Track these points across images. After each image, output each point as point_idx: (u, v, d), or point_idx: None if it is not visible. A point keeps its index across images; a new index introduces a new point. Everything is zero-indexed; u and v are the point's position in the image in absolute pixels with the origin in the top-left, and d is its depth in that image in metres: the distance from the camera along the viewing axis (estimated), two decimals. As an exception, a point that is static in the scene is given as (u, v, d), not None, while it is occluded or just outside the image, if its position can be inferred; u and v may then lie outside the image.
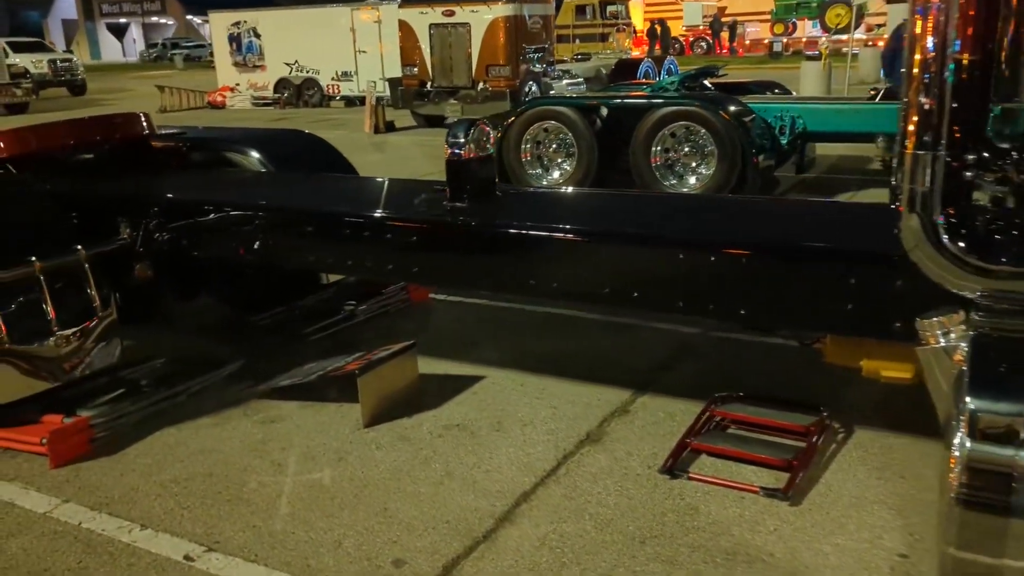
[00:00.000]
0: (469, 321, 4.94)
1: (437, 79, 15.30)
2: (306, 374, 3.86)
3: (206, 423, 3.71)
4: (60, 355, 3.52)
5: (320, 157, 5.17)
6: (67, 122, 4.39)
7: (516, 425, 3.53)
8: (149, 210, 3.90)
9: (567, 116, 8.11)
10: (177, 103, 23.33)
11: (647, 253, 3.01)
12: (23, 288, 3.39)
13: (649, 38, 38.43)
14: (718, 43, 39.88)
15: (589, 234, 3.23)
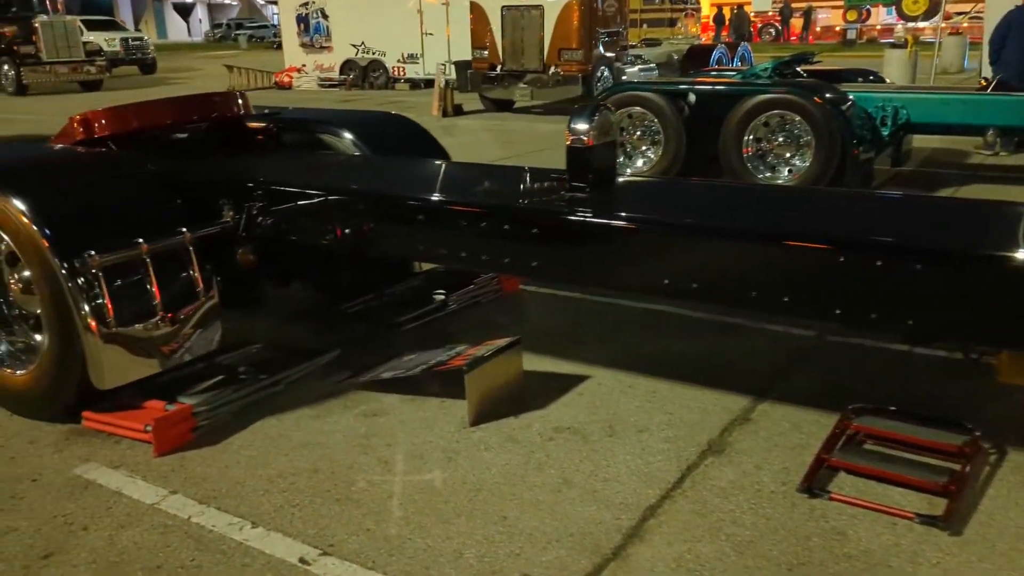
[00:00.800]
0: (564, 315, 4.76)
1: (508, 62, 15.11)
2: (408, 367, 3.72)
3: (307, 414, 3.61)
4: (165, 339, 3.43)
5: (414, 141, 5.03)
6: (166, 100, 4.32)
7: (630, 431, 3.35)
8: (253, 193, 3.79)
9: (654, 102, 7.85)
10: (245, 83, 23.48)
11: (807, 254, 2.78)
12: (129, 270, 3.30)
13: (716, 24, 37.67)
14: (788, 30, 38.93)
15: (731, 230, 3.01)
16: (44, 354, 3.44)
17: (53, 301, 3.29)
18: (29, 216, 3.22)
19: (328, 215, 3.75)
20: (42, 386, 3.48)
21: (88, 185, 3.53)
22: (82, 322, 3.21)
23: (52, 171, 3.57)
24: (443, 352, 3.85)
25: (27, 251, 3.31)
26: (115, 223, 3.41)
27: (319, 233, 3.79)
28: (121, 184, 3.58)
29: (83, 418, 3.50)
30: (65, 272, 3.18)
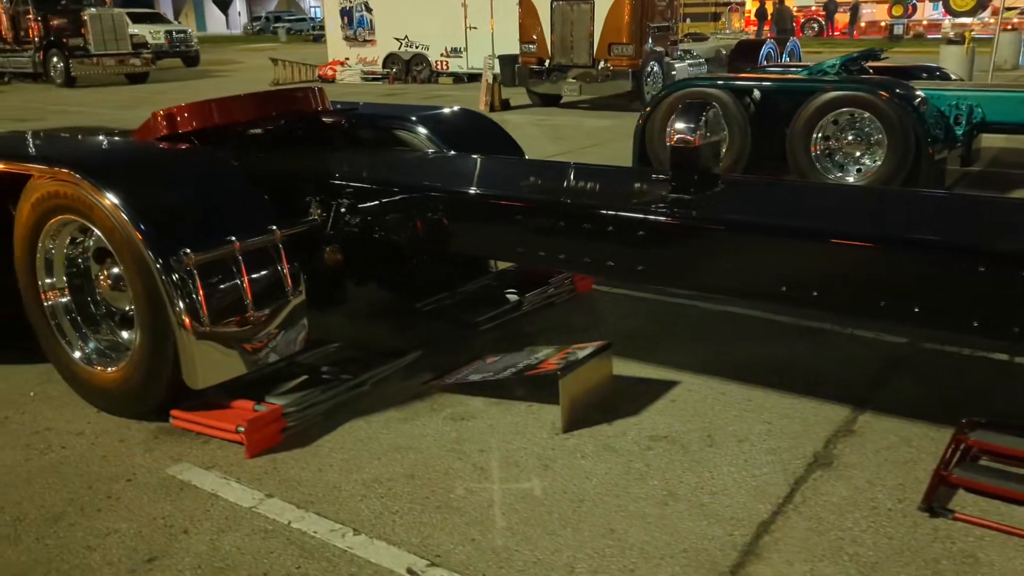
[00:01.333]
0: (641, 316, 4.67)
1: (556, 57, 14.99)
2: (496, 371, 3.65)
3: (395, 417, 3.55)
4: (255, 339, 3.39)
5: (488, 137, 4.97)
6: (248, 96, 4.28)
7: (730, 441, 3.25)
8: (341, 190, 3.74)
9: (719, 99, 7.70)
10: (289, 76, 23.60)
11: (949, 263, 2.66)
12: (222, 268, 3.26)
13: (758, 19, 37.14)
14: (832, 25, 38.29)
15: (867, 236, 2.89)
16: (135, 352, 3.42)
17: (146, 298, 3.27)
18: (126, 212, 3.19)
19: (416, 213, 3.70)
20: (132, 384, 3.46)
21: (182, 181, 3.50)
22: (176, 320, 3.18)
23: (147, 167, 3.55)
24: (529, 355, 3.78)
25: (121, 247, 3.29)
26: (208, 220, 3.37)
27: (405, 231, 3.74)
28: (213, 180, 3.54)
29: (172, 417, 3.48)
30: (160, 269, 3.15)
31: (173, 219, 3.30)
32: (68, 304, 3.71)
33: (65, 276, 3.70)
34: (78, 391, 3.73)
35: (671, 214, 3.19)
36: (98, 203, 3.27)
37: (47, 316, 3.68)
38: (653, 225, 3.18)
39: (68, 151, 3.95)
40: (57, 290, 3.69)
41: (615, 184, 3.44)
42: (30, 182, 3.52)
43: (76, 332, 3.68)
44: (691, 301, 4.77)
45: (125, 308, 3.64)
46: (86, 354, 3.64)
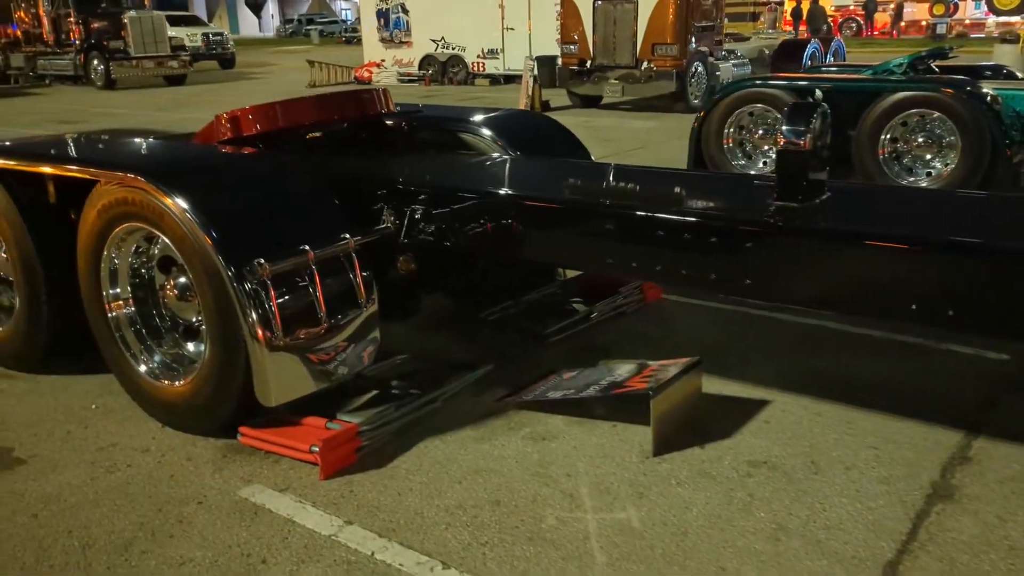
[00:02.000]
0: (716, 327, 4.45)
1: (598, 58, 14.78)
2: (577, 388, 3.46)
3: (470, 436, 3.37)
4: (329, 353, 3.23)
5: (555, 140, 4.79)
6: (314, 98, 4.14)
7: (836, 467, 3.03)
8: (416, 196, 3.57)
9: (780, 100, 7.45)
10: (325, 78, 23.62)
11: None
12: (296, 279, 3.10)
13: (794, 19, 36.63)
14: (871, 24, 37.64)
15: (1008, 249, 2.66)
16: (203, 366, 3.27)
17: (217, 310, 3.11)
18: (197, 220, 3.04)
19: (491, 219, 3.51)
20: (199, 399, 3.31)
21: (254, 187, 3.35)
22: (249, 333, 3.02)
23: (218, 172, 3.40)
24: (610, 371, 3.59)
25: (191, 256, 3.14)
26: (281, 228, 3.22)
27: (480, 238, 3.56)
28: (285, 186, 3.39)
29: (240, 434, 3.33)
30: (233, 279, 2.99)
31: (246, 227, 3.15)
32: (132, 315, 3.57)
33: (129, 286, 3.56)
34: (142, 405, 3.59)
35: (782, 223, 2.97)
36: (168, 210, 3.12)
37: (111, 328, 3.54)
38: (761, 234, 2.97)
39: (135, 156, 3.82)
40: (122, 301, 3.56)
41: (707, 190, 3.24)
42: (96, 188, 3.39)
43: (141, 344, 3.54)
44: (764, 312, 4.54)
45: (192, 319, 3.50)
46: (151, 368, 3.50)
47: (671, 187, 3.56)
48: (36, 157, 3.68)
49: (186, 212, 3.07)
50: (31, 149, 3.94)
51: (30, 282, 3.80)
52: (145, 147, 3.89)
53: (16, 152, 3.85)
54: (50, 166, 3.58)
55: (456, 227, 3.57)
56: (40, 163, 3.62)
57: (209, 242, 3.03)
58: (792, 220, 2.99)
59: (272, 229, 3.21)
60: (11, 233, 3.79)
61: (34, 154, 3.73)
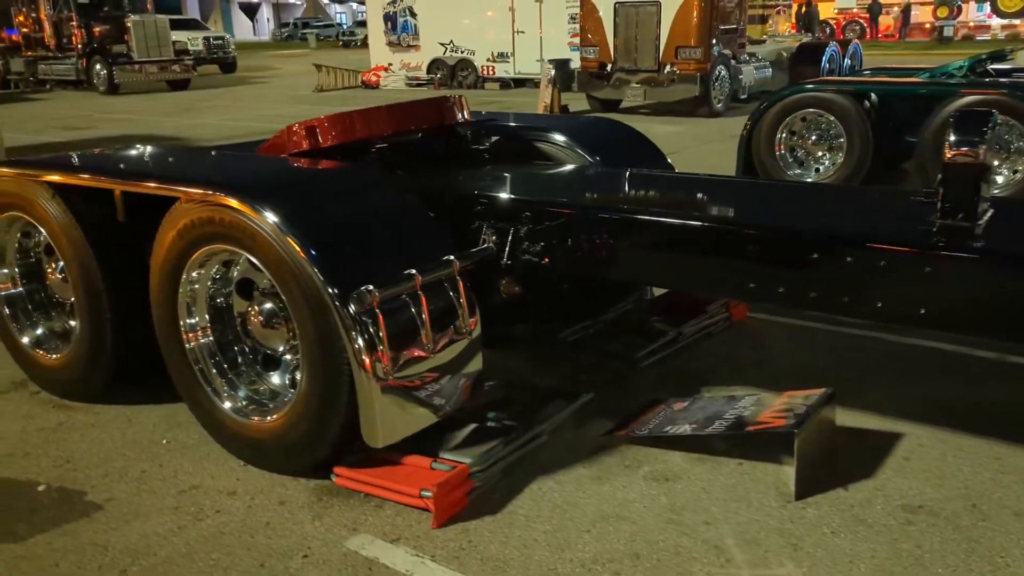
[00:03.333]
0: (815, 349, 4.19)
1: (619, 61, 14.53)
2: (699, 422, 3.18)
3: (584, 475, 3.10)
4: (436, 385, 2.95)
5: (637, 149, 4.53)
6: (390, 107, 3.86)
7: (1003, 514, 2.76)
8: (518, 212, 3.30)
9: (838, 104, 7.20)
10: (333, 82, 23.37)
11: None
12: (403, 306, 2.82)
13: (798, 21, 36.50)
14: (875, 28, 37.50)
15: None
16: (298, 401, 2.99)
17: (318, 340, 2.83)
18: (298, 241, 2.76)
19: (606, 238, 3.25)
20: (292, 437, 3.03)
21: (352, 204, 3.07)
22: (357, 366, 2.73)
23: (313, 188, 3.12)
24: (729, 403, 3.32)
25: (287, 281, 2.85)
26: (385, 250, 2.94)
27: (592, 259, 3.29)
28: (383, 203, 3.11)
29: (334, 474, 3.05)
30: (339, 307, 2.71)
31: (350, 249, 2.87)
32: (211, 346, 3.28)
33: (207, 314, 3.28)
34: (221, 441, 3.30)
35: (952, 243, 2.71)
36: (262, 231, 2.84)
37: (189, 360, 3.26)
38: (925, 256, 2.71)
39: (220, 171, 3.53)
40: (200, 330, 3.27)
41: (854, 204, 2.98)
42: (176, 206, 3.11)
43: (222, 378, 3.25)
44: (862, 331, 4.28)
45: (278, 348, 3.22)
46: (237, 404, 3.21)
47: (808, 202, 3.30)
48: (103, 172, 3.39)
49: (284, 233, 2.78)
50: (96, 163, 3.65)
51: (93, 306, 3.51)
52: (226, 161, 3.60)
53: (80, 166, 3.57)
54: (121, 182, 3.29)
55: (565, 246, 3.31)
56: (109, 178, 3.33)
57: (312, 266, 2.75)
58: (968, 240, 2.72)
59: (376, 251, 2.93)
60: (72, 252, 3.50)
61: (101, 168, 3.44)
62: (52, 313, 3.96)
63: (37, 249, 3.95)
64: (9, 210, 3.73)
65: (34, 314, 3.94)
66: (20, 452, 3.42)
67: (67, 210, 3.47)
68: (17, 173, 3.61)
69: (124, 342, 3.57)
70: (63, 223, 3.48)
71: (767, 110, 7.54)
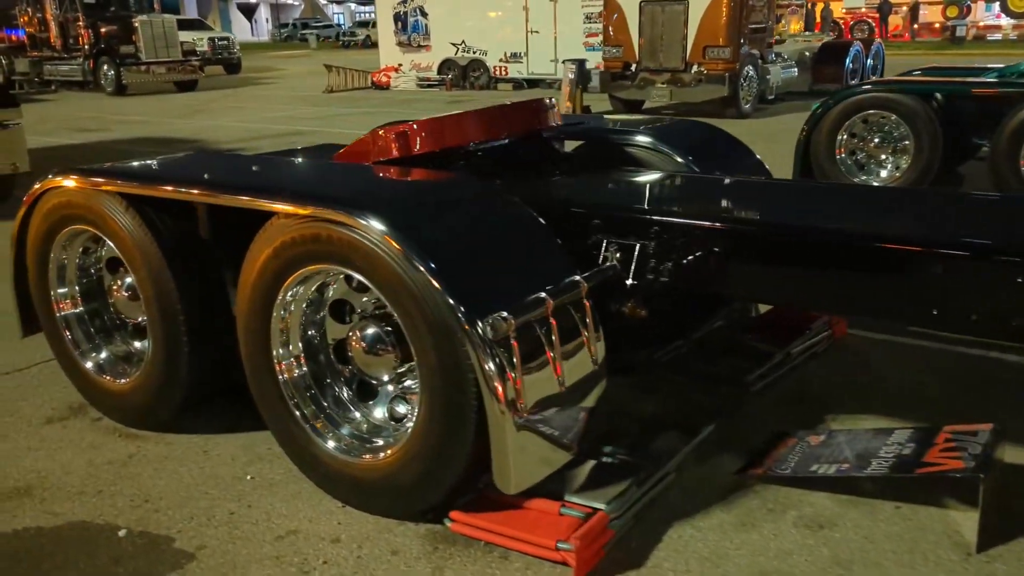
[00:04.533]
0: (942, 373, 3.88)
1: (644, 60, 14.23)
2: (855, 463, 2.88)
3: (727, 521, 2.80)
4: (567, 421, 2.64)
5: (734, 153, 4.23)
6: (483, 111, 3.55)
7: None
8: (644, 226, 2.99)
9: (905, 105, 6.91)
10: (343, 83, 23.08)
11: None
12: (535, 334, 2.51)
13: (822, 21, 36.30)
14: (885, 27, 37.26)
15: None
16: (413, 437, 2.68)
17: (441, 371, 2.52)
18: (422, 262, 2.45)
19: (747, 254, 2.95)
20: (404, 477, 2.72)
21: (475, 220, 2.77)
22: (491, 399, 2.42)
23: (433, 203, 2.81)
24: (879, 438, 3.01)
25: (406, 306, 2.54)
26: (512, 271, 2.64)
27: (728, 277, 3.00)
28: (502, 217, 2.81)
29: (448, 519, 2.75)
30: (470, 336, 2.40)
31: (479, 270, 2.56)
32: (307, 377, 2.97)
33: (301, 342, 2.97)
34: (316, 479, 3.00)
35: None
36: (380, 251, 2.53)
37: (284, 395, 2.95)
38: None
39: (324, 184, 3.21)
40: (294, 359, 2.96)
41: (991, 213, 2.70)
42: (272, 222, 2.80)
43: (319, 412, 2.94)
44: (968, 348, 4.00)
45: (382, 377, 2.92)
46: (337, 441, 2.90)
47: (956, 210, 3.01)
48: (187, 183, 3.08)
49: (407, 253, 2.48)
50: (176, 173, 3.33)
51: (169, 327, 3.20)
52: (326, 173, 3.28)
53: (159, 177, 3.26)
54: (209, 194, 2.98)
55: (694, 263, 3.01)
56: (197, 190, 3.02)
57: (439, 289, 2.44)
58: None
59: (503, 271, 2.63)
60: (147, 270, 3.19)
61: (183, 179, 3.13)
62: (116, 335, 3.65)
63: (98, 265, 3.65)
64: (73, 223, 3.42)
65: (97, 336, 3.63)
66: (91, 489, 3.11)
67: (143, 223, 3.16)
68: (85, 183, 3.30)
69: (200, 366, 3.27)
70: (138, 238, 3.17)
71: (827, 112, 7.25)
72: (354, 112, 17.17)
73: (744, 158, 4.23)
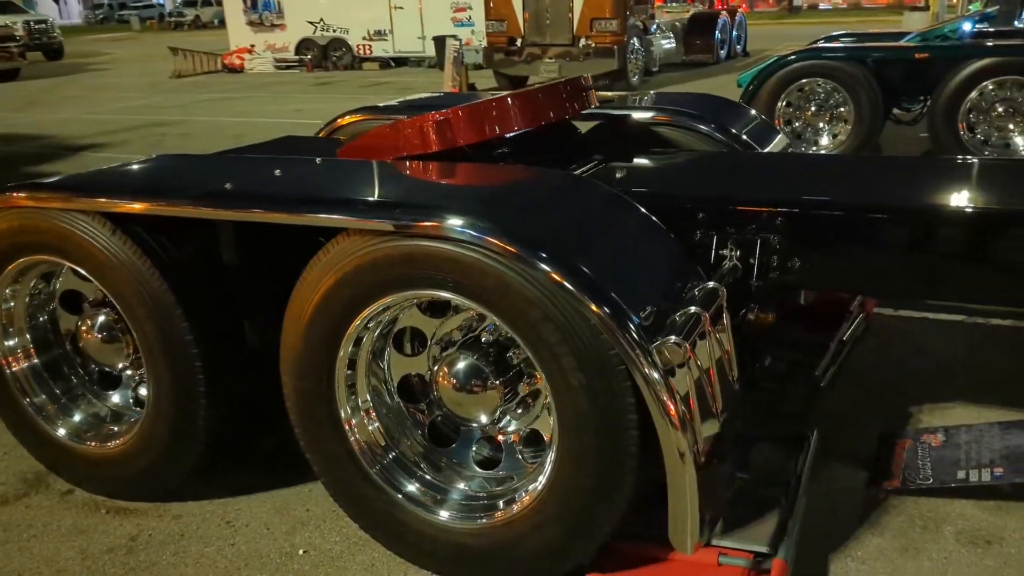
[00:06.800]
0: (982, 346, 3.74)
1: (530, 36, 13.86)
2: (1010, 467, 2.61)
3: (885, 546, 2.49)
4: (725, 458, 2.23)
5: (757, 128, 3.91)
6: (523, 95, 3.04)
7: None
8: (769, 222, 2.60)
9: (843, 72, 6.85)
10: (191, 67, 21.45)
11: None
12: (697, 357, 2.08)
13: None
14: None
15: None
16: (545, 495, 2.19)
17: (594, 412, 2.06)
18: (573, 284, 1.96)
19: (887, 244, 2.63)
20: (533, 543, 2.23)
21: (602, 227, 2.29)
22: (671, 446, 1.99)
23: (552, 208, 2.28)
24: (1014, 433, 2.77)
25: (546, 338, 2.05)
26: (652, 283, 2.19)
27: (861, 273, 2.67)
28: (628, 222, 2.33)
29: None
30: (641, 371, 1.95)
31: (628, 289, 2.08)
32: (379, 430, 2.41)
33: (370, 392, 2.41)
34: (400, 549, 2.45)
35: None
36: (511, 273, 2.02)
37: (354, 451, 2.38)
38: None
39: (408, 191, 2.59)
40: (364, 413, 2.39)
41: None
42: (336, 242, 2.22)
43: (404, 474, 2.39)
44: (995, 320, 3.92)
45: (480, 422, 2.40)
46: (452, 512, 2.36)
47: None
48: (205, 197, 2.42)
49: (553, 271, 1.98)
50: (182, 184, 2.62)
51: (179, 372, 2.54)
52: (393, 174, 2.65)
53: (159, 190, 2.56)
54: (243, 211, 2.34)
55: (833, 259, 2.66)
56: (222, 207, 2.37)
57: (599, 315, 1.96)
58: None
59: (646, 285, 2.17)
60: (143, 306, 2.51)
61: (196, 193, 2.45)
62: (87, 389, 2.92)
63: (51, 305, 2.91)
64: (26, 254, 2.68)
65: (63, 392, 2.89)
66: (100, 594, 2.44)
67: (139, 250, 2.48)
68: (47, 201, 2.56)
69: (221, 416, 2.64)
70: (133, 268, 2.48)
71: (763, 84, 7.11)
72: (215, 97, 15.91)
73: (770, 133, 3.91)
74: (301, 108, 13.60)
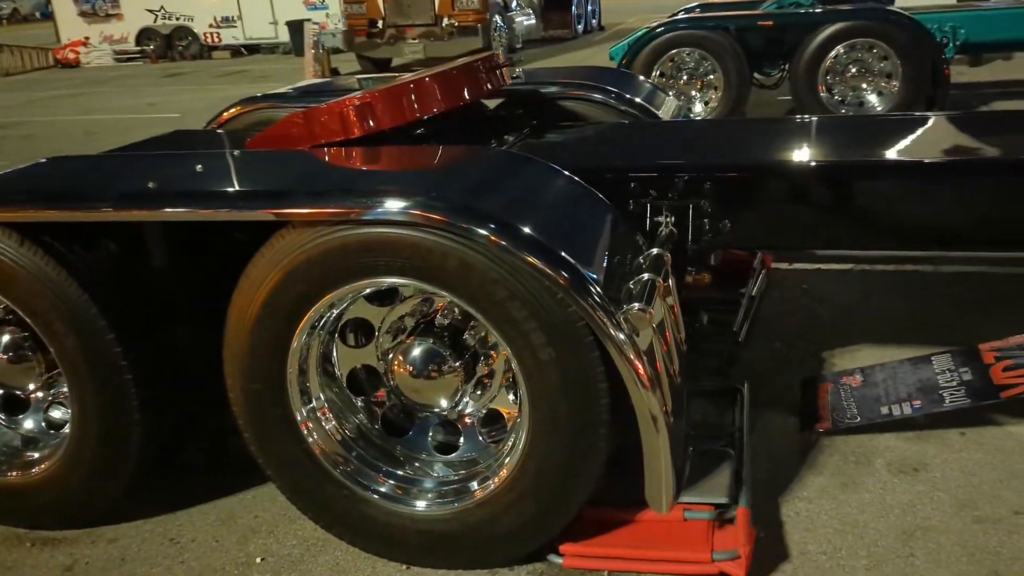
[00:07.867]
0: (878, 291, 4.01)
1: (391, 17, 13.65)
2: (926, 399, 2.80)
3: (827, 485, 2.63)
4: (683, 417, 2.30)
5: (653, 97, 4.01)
6: (442, 75, 3.00)
7: None
8: (694, 185, 2.66)
9: (711, 41, 7.11)
10: (19, 63, 19.97)
11: None
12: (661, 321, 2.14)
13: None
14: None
15: None
16: (517, 473, 2.19)
17: (564, 389, 2.07)
18: (540, 258, 1.96)
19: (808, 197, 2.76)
20: (505, 523, 2.23)
21: (554, 201, 2.29)
22: (646, 411, 2.03)
23: (514, 187, 2.25)
24: (920, 368, 2.97)
25: (512, 314, 2.04)
26: (605, 253, 2.22)
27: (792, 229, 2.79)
28: (572, 194, 2.34)
29: (558, 554, 2.32)
30: (613, 339, 1.98)
31: (587, 259, 2.10)
32: (344, 424, 2.35)
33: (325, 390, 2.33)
34: (366, 544, 2.40)
35: None
36: (473, 252, 2.00)
37: (313, 452, 2.30)
38: None
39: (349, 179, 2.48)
40: (320, 412, 2.32)
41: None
42: (281, 235, 2.12)
43: (369, 469, 2.33)
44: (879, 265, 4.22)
45: (443, 406, 2.37)
46: (426, 504, 2.31)
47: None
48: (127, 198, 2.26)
49: (517, 249, 1.97)
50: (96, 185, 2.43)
51: (107, 389, 2.39)
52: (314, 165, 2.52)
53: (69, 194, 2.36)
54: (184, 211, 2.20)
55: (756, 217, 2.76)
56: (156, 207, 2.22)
57: (567, 286, 1.97)
58: None
59: (602, 255, 2.19)
60: (61, 321, 2.34)
61: (114, 194, 2.29)
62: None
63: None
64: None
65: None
66: (45, 634, 2.27)
67: (51, 260, 2.30)
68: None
69: (157, 430, 2.49)
70: (46, 280, 2.30)
71: (638, 53, 7.29)
72: (54, 95, 14.89)
73: (664, 98, 4.02)
74: (154, 102, 12.91)
